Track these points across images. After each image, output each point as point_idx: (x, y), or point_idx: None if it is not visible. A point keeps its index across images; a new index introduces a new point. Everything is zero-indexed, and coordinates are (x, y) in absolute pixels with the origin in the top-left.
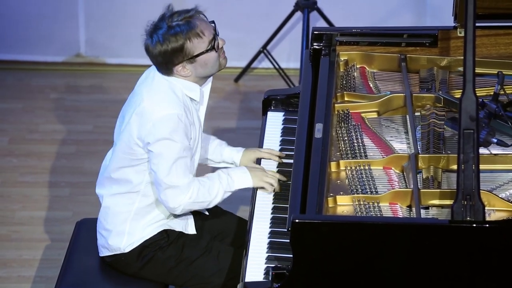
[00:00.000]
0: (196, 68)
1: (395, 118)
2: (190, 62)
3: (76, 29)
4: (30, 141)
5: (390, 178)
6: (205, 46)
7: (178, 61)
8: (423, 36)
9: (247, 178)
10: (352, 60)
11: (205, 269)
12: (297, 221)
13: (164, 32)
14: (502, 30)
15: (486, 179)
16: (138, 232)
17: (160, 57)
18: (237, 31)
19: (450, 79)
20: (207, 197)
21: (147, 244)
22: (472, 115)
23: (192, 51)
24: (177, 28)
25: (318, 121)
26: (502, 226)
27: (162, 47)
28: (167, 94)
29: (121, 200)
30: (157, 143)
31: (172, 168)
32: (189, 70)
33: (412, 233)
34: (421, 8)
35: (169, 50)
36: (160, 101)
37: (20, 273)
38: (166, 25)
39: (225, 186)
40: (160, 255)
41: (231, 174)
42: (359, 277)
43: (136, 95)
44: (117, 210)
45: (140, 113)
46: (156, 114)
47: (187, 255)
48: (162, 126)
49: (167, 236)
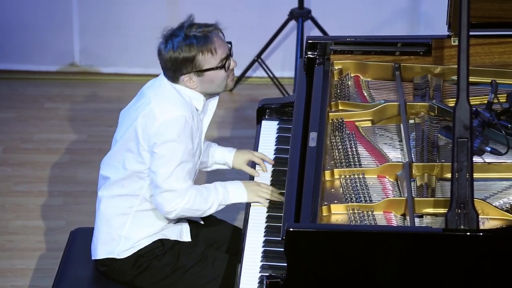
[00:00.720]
0: (202, 82)
1: (389, 127)
2: (198, 75)
3: (70, 38)
4: (24, 150)
5: (384, 186)
6: (215, 63)
7: (187, 71)
8: (417, 45)
9: (243, 193)
10: (346, 69)
11: (200, 276)
12: (291, 230)
13: (179, 40)
14: (495, 39)
15: (480, 187)
16: (135, 237)
17: (170, 63)
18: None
19: (444, 88)
20: (202, 206)
21: (142, 254)
22: (466, 123)
23: (202, 65)
24: (193, 39)
25: (312, 130)
26: (496, 234)
27: (174, 54)
28: (175, 97)
29: (121, 202)
30: (163, 145)
31: (174, 171)
32: (195, 83)
33: (406, 241)
34: (414, 17)
35: (180, 58)
36: (168, 104)
37: (14, 283)
38: (183, 33)
39: (221, 199)
40: (155, 264)
41: (227, 188)
42: (353, 286)
43: (142, 98)
44: (116, 212)
45: (147, 115)
46: (164, 116)
47: (182, 263)
48: (170, 127)
49: (162, 245)
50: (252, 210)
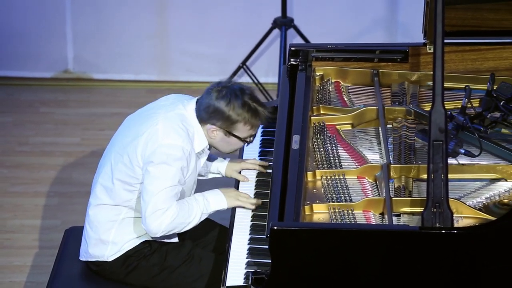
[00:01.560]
0: (222, 140)
1: (368, 130)
2: (224, 134)
3: (64, 46)
4: (20, 153)
5: (364, 187)
6: (244, 135)
7: (219, 125)
8: (394, 52)
9: (222, 200)
10: (328, 75)
11: (187, 275)
12: (276, 228)
13: (236, 102)
14: (468, 47)
15: (454, 187)
16: (122, 242)
17: (213, 110)
18: (218, 48)
19: (420, 93)
20: (186, 219)
21: (131, 254)
22: (441, 127)
23: (235, 130)
24: (247, 109)
25: (295, 133)
26: (469, 232)
27: (224, 107)
28: (180, 128)
29: (109, 210)
30: (158, 165)
31: (161, 191)
32: (215, 137)
33: (384, 239)
34: (392, 26)
35: (225, 114)
36: (174, 131)
37: (11, 279)
38: (243, 99)
39: (202, 208)
40: (144, 264)
41: (206, 196)
42: (334, 281)
43: (152, 117)
44: (104, 219)
45: (151, 134)
46: (165, 140)
47: (170, 263)
48: (168, 151)
49: (150, 245)
50: (238, 209)
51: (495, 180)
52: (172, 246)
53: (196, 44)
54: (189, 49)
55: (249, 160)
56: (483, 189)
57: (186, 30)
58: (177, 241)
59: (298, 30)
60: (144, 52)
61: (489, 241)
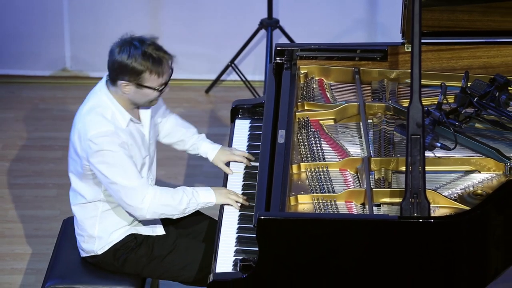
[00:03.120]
0: (136, 94)
1: (350, 125)
2: (136, 87)
3: (62, 46)
4: (21, 147)
5: (346, 178)
6: (156, 85)
7: (128, 79)
8: (374, 51)
9: (211, 194)
10: (311, 73)
11: (176, 264)
12: (263, 217)
13: (136, 53)
14: (444, 46)
15: (431, 179)
16: (107, 235)
17: (118, 66)
18: (207, 47)
19: (399, 90)
20: (171, 202)
21: (118, 247)
22: (419, 122)
23: (144, 81)
24: (149, 58)
25: (281, 128)
26: (445, 221)
27: (126, 60)
28: (97, 116)
29: (87, 208)
30: (98, 158)
31: (122, 175)
32: (129, 92)
33: (365, 228)
34: (372, 26)
35: (129, 66)
36: (92, 123)
37: (12, 266)
38: (143, 49)
39: (190, 196)
40: (132, 256)
41: (196, 189)
42: (318, 267)
43: (76, 119)
44: (85, 217)
45: (79, 134)
46: (90, 132)
47: (157, 254)
48: (97, 140)
49: (135, 238)
50: None
51: (469, 172)
52: (158, 237)
53: (187, 44)
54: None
55: (237, 152)
56: (458, 181)
57: (178, 31)
58: (163, 233)
59: (284, 30)
60: None
61: (464, 230)
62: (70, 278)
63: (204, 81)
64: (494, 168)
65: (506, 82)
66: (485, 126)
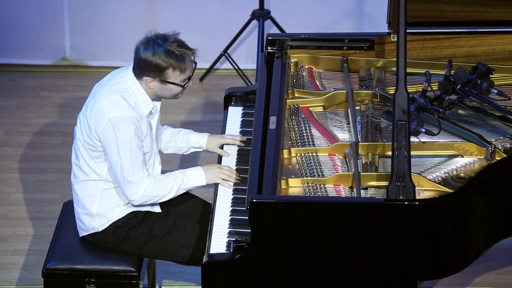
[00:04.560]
0: (161, 89)
1: (338, 112)
2: (160, 82)
3: (62, 36)
4: (23, 133)
5: (335, 163)
6: (179, 80)
7: (153, 75)
8: (361, 41)
9: (201, 177)
10: (301, 62)
11: (173, 243)
12: (255, 200)
13: (160, 50)
14: (428, 36)
15: (416, 163)
16: (107, 213)
17: (143, 62)
18: (202, 37)
19: (385, 78)
20: (160, 192)
21: (119, 224)
22: (404, 108)
23: (168, 77)
24: (172, 55)
25: (272, 114)
26: (429, 203)
27: (151, 58)
28: (122, 100)
29: (87, 186)
30: (112, 139)
31: (127, 162)
32: (154, 87)
33: (353, 210)
34: (359, 16)
35: (153, 64)
36: (116, 104)
37: (15, 247)
38: (165, 46)
39: (180, 184)
40: (133, 234)
41: (186, 174)
42: (308, 248)
43: (96, 95)
44: (85, 195)
45: (98, 110)
46: (111, 113)
47: (156, 233)
48: (117, 123)
49: (135, 216)
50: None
51: (453, 156)
52: (158, 216)
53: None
54: None
55: (227, 136)
56: (442, 165)
57: (173, 22)
58: (160, 211)
59: (275, 21)
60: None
61: (447, 211)
62: (70, 258)
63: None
64: (476, 153)
65: (488, 70)
66: (467, 112)
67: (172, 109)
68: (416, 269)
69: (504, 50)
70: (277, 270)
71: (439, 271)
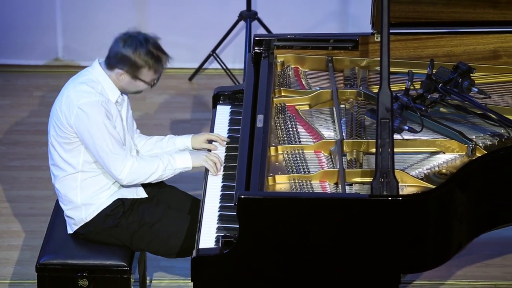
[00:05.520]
0: (129, 84)
1: (323, 110)
2: (131, 78)
3: (54, 38)
4: (17, 132)
5: (320, 160)
6: (148, 79)
7: (126, 70)
8: (346, 41)
9: (188, 159)
10: (287, 62)
11: (163, 231)
12: (243, 197)
13: (141, 50)
14: (411, 36)
15: (399, 160)
16: (92, 200)
17: (121, 56)
18: (191, 38)
19: (369, 77)
20: (147, 170)
21: (108, 213)
22: (388, 106)
23: (141, 75)
24: (151, 56)
25: (259, 113)
26: (412, 199)
27: (131, 54)
28: (89, 88)
29: (67, 181)
30: (85, 125)
31: (108, 143)
32: (123, 80)
33: (338, 206)
34: (344, 17)
35: (132, 60)
36: (83, 92)
37: (9, 242)
38: (147, 48)
39: (166, 163)
40: (123, 222)
41: (173, 155)
42: (295, 242)
43: (64, 91)
44: (67, 189)
45: (67, 102)
46: (80, 100)
47: (146, 220)
48: (86, 109)
49: (123, 204)
50: (209, 180)
51: (435, 153)
52: (147, 205)
53: (171, 35)
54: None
55: (213, 134)
56: (424, 161)
57: (163, 23)
58: (146, 195)
59: (262, 22)
60: None
61: (430, 207)
62: (63, 253)
63: (188, 69)
64: (458, 149)
65: (468, 69)
66: (449, 110)
67: (162, 108)
68: (400, 263)
69: (484, 49)
70: (264, 264)
71: (421, 264)
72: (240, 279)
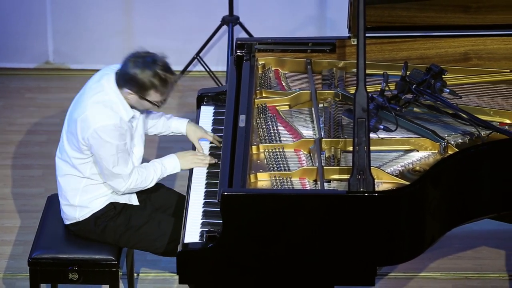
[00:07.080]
0: (137, 103)
1: (303, 110)
2: (139, 97)
3: (45, 41)
4: (9, 132)
5: (300, 158)
6: (155, 100)
7: (135, 91)
8: (324, 44)
9: (177, 164)
10: (268, 64)
11: (149, 234)
12: (226, 193)
13: (148, 72)
14: (386, 39)
15: (375, 157)
16: (88, 204)
17: (129, 77)
18: (175, 41)
19: (346, 78)
20: (143, 184)
21: (99, 215)
22: (364, 107)
23: (148, 96)
24: (157, 78)
25: (241, 113)
26: (388, 195)
27: (138, 76)
28: (106, 108)
29: (71, 179)
30: (99, 146)
31: (113, 165)
32: (131, 99)
33: (317, 201)
34: (322, 22)
35: (139, 82)
36: (100, 114)
37: (2, 238)
38: (154, 70)
39: (159, 174)
40: (112, 224)
41: (164, 163)
42: (276, 237)
43: (81, 103)
44: (69, 188)
45: (83, 120)
46: (97, 123)
47: (133, 224)
48: (102, 132)
49: (114, 208)
50: (194, 177)
51: (409, 151)
52: (135, 209)
53: (156, 38)
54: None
55: (209, 133)
56: (399, 159)
57: (149, 27)
58: (137, 203)
59: (243, 26)
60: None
61: (404, 202)
62: (55, 248)
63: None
64: (431, 148)
65: (440, 71)
66: (422, 110)
67: None
68: (376, 255)
69: (455, 52)
70: (247, 257)
71: (396, 257)
72: (223, 272)
